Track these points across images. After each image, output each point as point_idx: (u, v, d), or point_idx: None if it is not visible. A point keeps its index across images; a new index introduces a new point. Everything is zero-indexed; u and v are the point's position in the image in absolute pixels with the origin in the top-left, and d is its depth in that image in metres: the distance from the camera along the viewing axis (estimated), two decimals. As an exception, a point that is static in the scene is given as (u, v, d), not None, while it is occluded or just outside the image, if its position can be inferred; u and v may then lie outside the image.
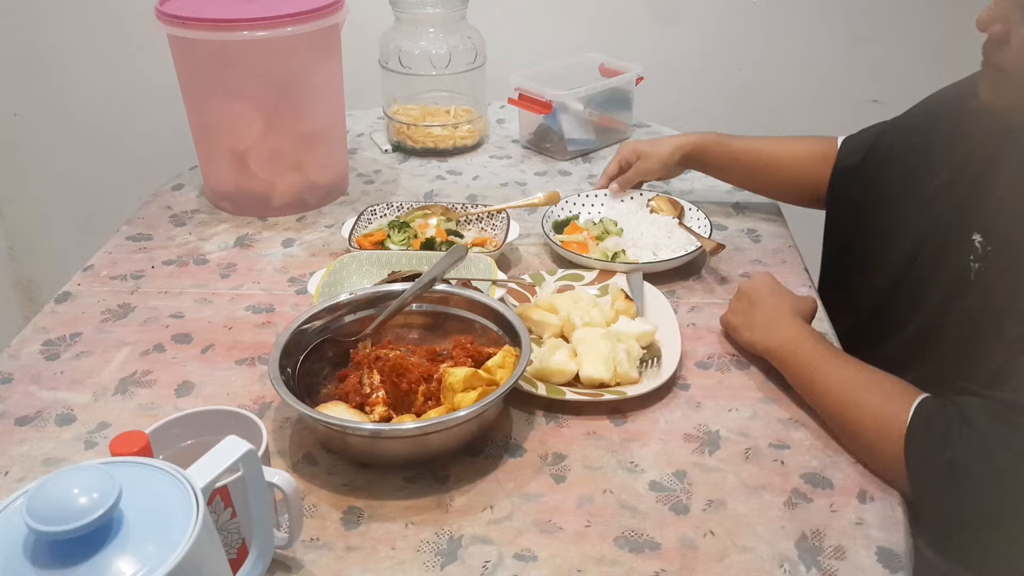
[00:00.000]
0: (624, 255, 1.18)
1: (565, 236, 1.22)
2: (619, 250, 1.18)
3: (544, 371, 0.94)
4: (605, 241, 1.20)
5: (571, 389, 0.93)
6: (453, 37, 1.52)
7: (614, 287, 1.08)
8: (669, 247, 1.19)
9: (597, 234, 1.22)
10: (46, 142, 2.05)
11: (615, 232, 1.23)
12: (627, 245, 1.19)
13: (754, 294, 0.99)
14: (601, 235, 1.22)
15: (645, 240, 1.20)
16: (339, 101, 1.40)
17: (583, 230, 1.23)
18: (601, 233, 1.23)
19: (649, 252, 1.18)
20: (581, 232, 1.23)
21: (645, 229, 1.23)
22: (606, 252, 1.18)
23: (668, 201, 1.29)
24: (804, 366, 0.90)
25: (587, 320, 0.99)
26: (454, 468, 0.84)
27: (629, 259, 1.16)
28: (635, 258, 1.17)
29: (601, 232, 1.23)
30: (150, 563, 0.48)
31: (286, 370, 0.86)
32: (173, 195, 1.43)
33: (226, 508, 0.67)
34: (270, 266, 1.21)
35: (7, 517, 0.51)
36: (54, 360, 1.01)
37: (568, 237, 1.21)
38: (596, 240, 1.21)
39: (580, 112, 1.53)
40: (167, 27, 1.22)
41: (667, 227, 1.23)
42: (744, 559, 0.74)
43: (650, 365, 0.96)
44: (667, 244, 1.19)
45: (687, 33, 1.94)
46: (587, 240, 1.20)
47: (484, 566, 0.73)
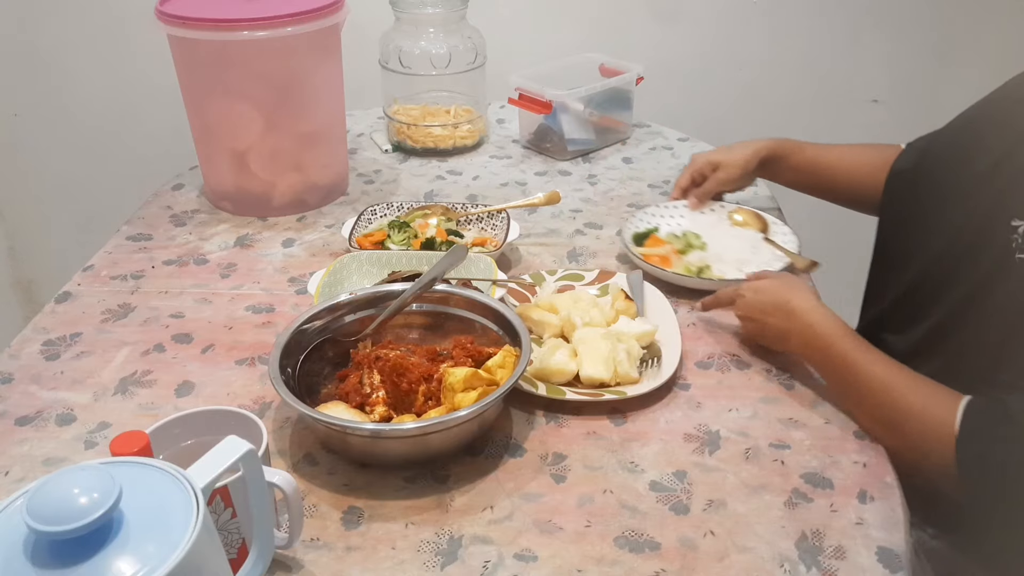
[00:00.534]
0: (709, 270, 1.14)
1: (646, 249, 1.18)
2: (704, 265, 1.14)
3: (544, 371, 0.94)
4: (688, 255, 1.17)
5: (571, 389, 0.93)
6: (453, 37, 1.52)
7: (614, 287, 1.08)
8: (754, 263, 1.15)
9: (680, 248, 1.19)
10: (46, 142, 2.05)
11: (698, 246, 1.19)
12: (711, 260, 1.15)
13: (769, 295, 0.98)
14: (684, 248, 1.18)
15: (729, 255, 1.16)
16: (339, 101, 1.40)
17: (665, 243, 1.20)
18: (684, 247, 1.19)
19: (734, 268, 1.14)
20: (663, 245, 1.19)
21: (729, 243, 1.19)
22: (690, 267, 1.14)
23: (752, 214, 1.25)
24: (841, 365, 0.90)
25: (587, 320, 0.99)
26: (454, 468, 0.84)
27: (714, 275, 1.13)
28: (720, 273, 1.13)
29: (684, 246, 1.19)
30: (150, 563, 0.48)
31: (286, 370, 0.86)
32: (173, 195, 1.43)
33: (226, 508, 0.67)
34: (270, 266, 1.21)
35: (7, 517, 0.51)
36: (54, 360, 1.01)
37: (650, 250, 1.17)
38: (679, 254, 1.17)
39: (580, 112, 1.53)
40: (167, 27, 1.22)
41: (752, 242, 1.20)
42: (744, 559, 0.74)
43: (650, 365, 0.96)
44: (752, 260, 1.16)
45: (687, 33, 1.93)
46: (670, 254, 1.17)
47: (484, 566, 0.73)
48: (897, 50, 1.92)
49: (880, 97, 1.98)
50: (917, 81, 1.93)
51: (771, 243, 1.18)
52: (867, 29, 1.91)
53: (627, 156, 1.55)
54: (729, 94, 1.99)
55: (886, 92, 1.97)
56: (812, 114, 1.99)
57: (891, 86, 1.96)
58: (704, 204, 1.28)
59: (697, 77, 1.97)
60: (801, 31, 1.93)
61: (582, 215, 1.34)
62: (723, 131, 1.77)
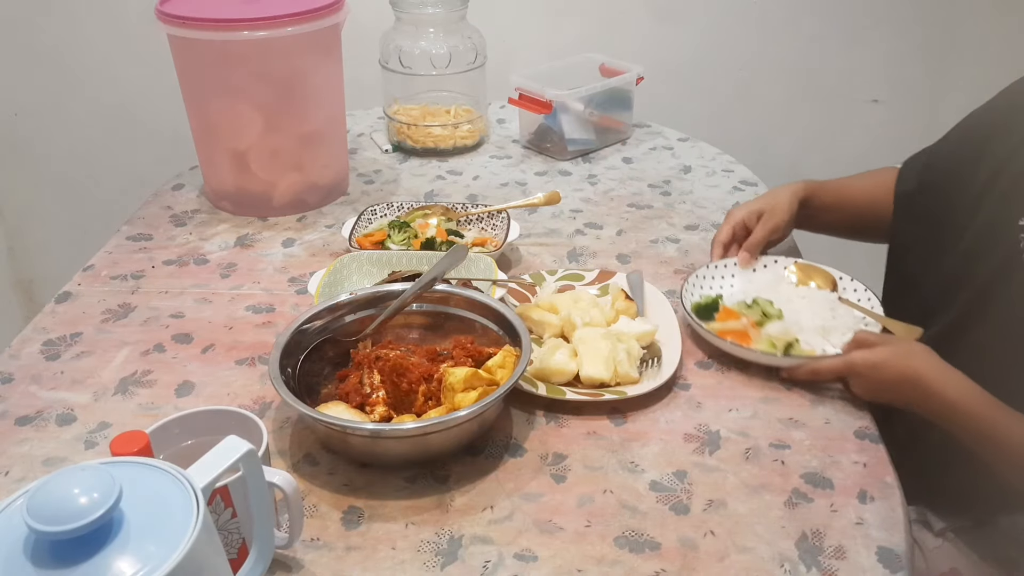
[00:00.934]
0: (798, 346, 0.98)
1: (719, 324, 1.02)
2: (790, 339, 0.98)
3: (544, 371, 0.94)
4: (767, 327, 1.00)
5: (571, 389, 0.93)
6: (453, 37, 1.52)
7: (614, 287, 1.08)
8: (837, 329, 1.00)
9: (757, 319, 1.02)
10: (46, 142, 2.05)
11: (775, 315, 1.02)
12: (792, 330, 0.99)
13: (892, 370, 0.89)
14: (761, 320, 1.01)
15: (808, 321, 1.01)
16: (339, 101, 1.40)
17: (739, 315, 1.03)
18: (760, 318, 1.02)
19: (820, 337, 1.00)
20: (738, 318, 1.02)
21: (801, 307, 1.03)
22: (774, 342, 0.98)
23: (810, 268, 1.10)
24: (988, 435, 0.86)
25: (587, 320, 0.99)
26: (454, 468, 0.84)
27: (804, 350, 0.98)
28: (810, 348, 0.98)
29: (760, 316, 1.02)
30: (150, 563, 0.48)
31: (286, 370, 0.86)
32: (173, 195, 1.43)
33: (226, 508, 0.67)
34: (270, 266, 1.21)
35: (7, 517, 0.51)
36: (54, 360, 1.01)
37: (723, 325, 1.02)
38: (756, 326, 1.01)
39: (580, 112, 1.53)
40: (167, 27, 1.22)
41: (826, 303, 1.04)
42: (744, 559, 0.74)
43: (650, 365, 0.96)
44: (836, 327, 1.01)
45: (687, 33, 1.94)
46: (747, 328, 1.01)
47: (484, 566, 0.73)
48: (897, 50, 1.92)
49: (880, 97, 1.98)
50: (917, 81, 1.93)
51: (850, 304, 1.03)
52: (867, 29, 1.91)
53: (627, 156, 1.55)
54: (729, 94, 1.99)
55: (886, 92, 1.97)
56: (812, 114, 1.99)
57: (891, 86, 1.96)
58: (755, 259, 1.12)
59: (697, 77, 1.97)
60: (801, 31, 1.93)
61: (582, 215, 1.34)
62: (723, 131, 1.77)
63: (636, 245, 1.25)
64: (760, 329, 1.00)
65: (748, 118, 1.98)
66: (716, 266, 1.10)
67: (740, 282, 1.10)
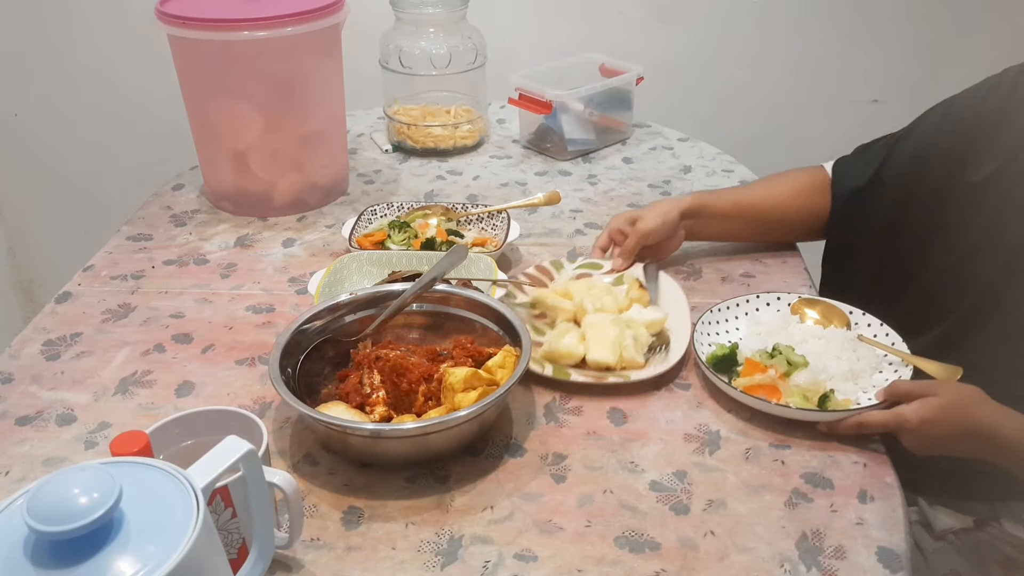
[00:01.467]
0: (833, 397, 0.90)
1: (745, 380, 0.93)
2: (823, 390, 0.91)
3: (553, 353, 0.95)
4: (794, 377, 0.92)
5: (577, 371, 0.93)
6: (453, 37, 1.52)
7: (629, 276, 1.08)
8: (866, 373, 0.94)
9: (784, 370, 0.94)
10: (46, 142, 2.05)
11: (800, 363, 0.94)
12: (821, 378, 0.92)
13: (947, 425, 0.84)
14: (788, 370, 0.94)
15: (834, 366, 0.94)
16: (339, 101, 1.40)
17: (765, 367, 0.94)
18: (787, 368, 0.94)
19: (852, 384, 0.93)
20: (764, 370, 0.94)
21: (823, 349, 0.96)
22: (806, 394, 0.91)
23: (825, 306, 1.03)
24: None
25: (599, 306, 1.00)
26: (454, 468, 0.84)
27: (840, 402, 0.90)
28: (846, 399, 0.91)
29: (786, 367, 0.94)
30: (150, 563, 0.48)
31: (286, 370, 0.86)
32: (173, 195, 1.43)
33: (226, 508, 0.67)
34: (270, 266, 1.21)
35: (7, 517, 0.51)
36: (54, 360, 1.01)
37: (749, 380, 0.93)
38: (784, 378, 0.93)
39: (580, 112, 1.53)
40: (167, 27, 1.22)
41: (847, 344, 0.97)
42: (744, 559, 0.74)
43: (658, 351, 0.96)
44: (863, 369, 0.94)
45: (687, 33, 1.94)
46: (775, 381, 0.92)
47: (484, 566, 0.73)
48: (897, 50, 1.92)
49: (880, 97, 1.98)
50: (917, 81, 1.93)
51: (871, 343, 0.96)
52: (867, 29, 1.91)
53: (627, 156, 1.55)
54: (729, 94, 1.99)
55: (886, 92, 1.97)
56: (812, 114, 1.99)
57: (891, 86, 1.96)
58: (629, 261, 1.11)
59: (697, 77, 1.97)
60: (801, 31, 1.93)
61: (582, 215, 1.34)
62: (723, 131, 1.77)
63: (636, 245, 1.24)
64: (788, 380, 0.92)
65: (748, 118, 1.98)
66: (719, 308, 1.03)
67: (746, 324, 1.03)
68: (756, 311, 1.04)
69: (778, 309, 1.04)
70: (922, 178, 1.05)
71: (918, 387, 0.86)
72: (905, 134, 1.10)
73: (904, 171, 1.07)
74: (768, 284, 1.13)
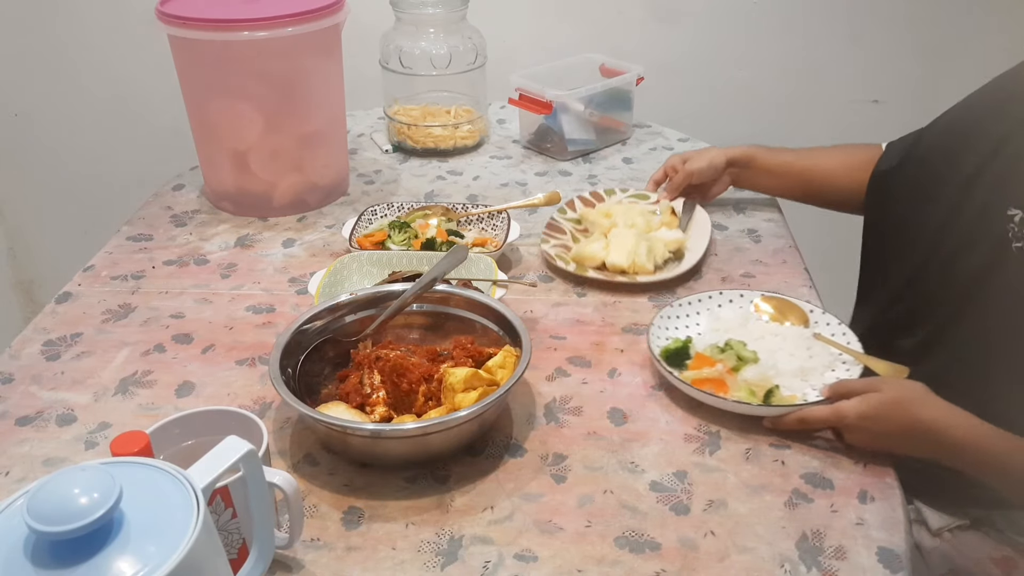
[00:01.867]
0: (779, 392, 0.91)
1: (693, 373, 0.95)
2: (769, 385, 0.92)
3: (579, 255, 1.16)
4: (743, 372, 0.94)
5: (596, 271, 1.13)
6: (453, 37, 1.52)
7: (666, 204, 1.26)
8: (816, 370, 0.95)
9: (732, 365, 0.96)
10: (46, 142, 2.05)
11: (750, 358, 0.96)
12: (770, 374, 0.93)
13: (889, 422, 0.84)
14: (737, 365, 0.95)
15: (785, 363, 0.95)
16: (340, 101, 1.40)
17: (713, 361, 0.96)
18: (736, 362, 0.96)
19: (800, 380, 0.94)
20: (713, 364, 0.95)
21: (777, 346, 0.97)
22: (753, 389, 0.92)
23: (786, 304, 1.04)
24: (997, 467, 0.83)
25: (630, 224, 1.18)
26: (455, 468, 0.84)
27: (785, 397, 0.91)
28: (791, 394, 0.92)
29: (735, 361, 0.96)
30: (151, 563, 0.48)
31: (287, 370, 0.86)
32: (173, 195, 1.43)
33: (227, 508, 0.67)
34: (271, 266, 1.21)
35: (8, 517, 0.51)
36: (55, 360, 1.01)
37: (698, 373, 0.94)
38: (732, 373, 0.95)
39: (581, 112, 1.53)
40: (168, 27, 1.22)
41: (802, 342, 0.98)
42: (745, 559, 0.74)
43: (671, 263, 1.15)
44: (816, 367, 0.95)
45: (687, 33, 1.93)
46: (723, 375, 0.94)
47: (484, 566, 0.73)
48: (897, 50, 1.92)
49: (880, 97, 1.98)
50: (917, 81, 1.93)
51: (827, 341, 0.97)
52: (867, 29, 1.91)
53: (627, 156, 1.55)
54: (729, 94, 1.99)
55: (886, 92, 1.97)
56: (812, 114, 1.99)
57: (891, 86, 1.96)
58: (674, 195, 1.27)
59: (697, 77, 1.97)
60: (801, 31, 1.93)
61: (582, 215, 1.34)
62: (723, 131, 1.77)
63: (636, 245, 1.24)
64: (736, 375, 0.94)
65: (748, 118, 1.98)
66: (681, 304, 1.04)
67: (707, 320, 1.04)
68: (718, 307, 1.05)
69: (740, 306, 1.05)
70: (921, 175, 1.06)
71: (861, 384, 0.87)
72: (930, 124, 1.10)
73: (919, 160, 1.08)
74: (768, 284, 1.13)
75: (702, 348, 0.99)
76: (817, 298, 1.10)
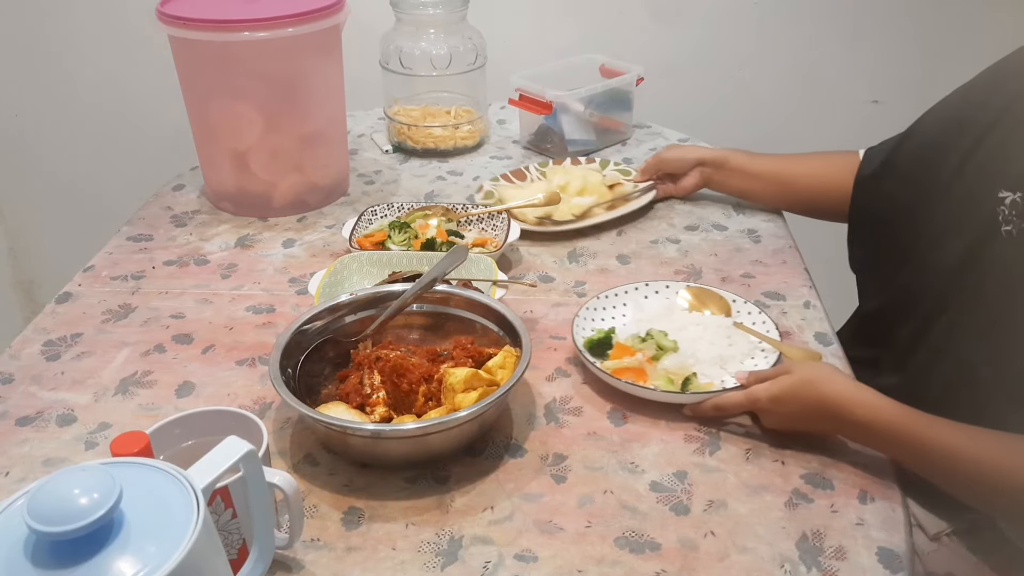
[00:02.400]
0: (696, 380, 0.93)
1: (614, 362, 0.96)
2: (687, 373, 0.93)
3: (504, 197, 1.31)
4: (663, 361, 0.95)
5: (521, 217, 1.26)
6: (454, 38, 1.52)
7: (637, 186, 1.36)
8: (735, 358, 0.96)
9: (652, 354, 0.97)
10: (46, 142, 2.05)
11: (670, 347, 0.97)
12: (689, 363, 0.95)
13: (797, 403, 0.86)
14: (656, 354, 0.97)
15: (705, 351, 0.96)
16: (340, 101, 1.40)
17: (634, 351, 0.97)
18: (656, 351, 0.97)
19: (719, 368, 0.95)
20: (633, 354, 0.97)
21: (697, 335, 0.98)
22: (671, 377, 0.94)
23: (708, 294, 1.06)
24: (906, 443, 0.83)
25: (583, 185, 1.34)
26: (455, 469, 0.84)
27: (702, 385, 0.93)
28: (709, 381, 0.93)
29: (655, 351, 0.97)
30: (151, 564, 0.48)
31: (287, 370, 0.86)
32: (174, 195, 1.43)
33: (227, 508, 0.67)
34: (271, 266, 1.21)
35: (8, 517, 0.51)
36: (55, 360, 1.01)
37: (618, 363, 0.96)
38: (652, 362, 0.96)
39: (581, 113, 1.53)
40: (168, 28, 1.22)
41: (722, 331, 0.99)
42: (745, 559, 0.74)
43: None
44: (735, 356, 0.97)
45: (687, 33, 1.93)
46: (643, 364, 0.95)
47: (485, 566, 0.73)
48: (897, 51, 1.92)
49: (880, 97, 1.98)
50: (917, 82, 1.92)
51: (746, 330, 0.99)
52: (867, 29, 1.91)
53: (627, 157, 1.55)
54: (729, 94, 1.99)
55: (886, 92, 1.97)
56: (812, 114, 1.99)
57: (891, 86, 1.96)
58: (643, 177, 1.35)
59: (697, 77, 1.97)
60: (801, 31, 1.93)
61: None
62: (723, 131, 1.77)
63: (636, 245, 1.25)
64: (656, 364, 0.96)
65: (748, 118, 1.98)
66: (607, 295, 1.06)
67: (632, 311, 1.05)
68: (644, 299, 1.07)
69: (667, 297, 1.07)
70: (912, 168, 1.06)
71: (772, 370, 0.90)
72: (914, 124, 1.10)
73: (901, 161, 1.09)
74: (768, 284, 1.13)
75: (624, 338, 1.00)
76: (817, 298, 1.10)
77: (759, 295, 1.12)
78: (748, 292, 1.12)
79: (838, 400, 0.84)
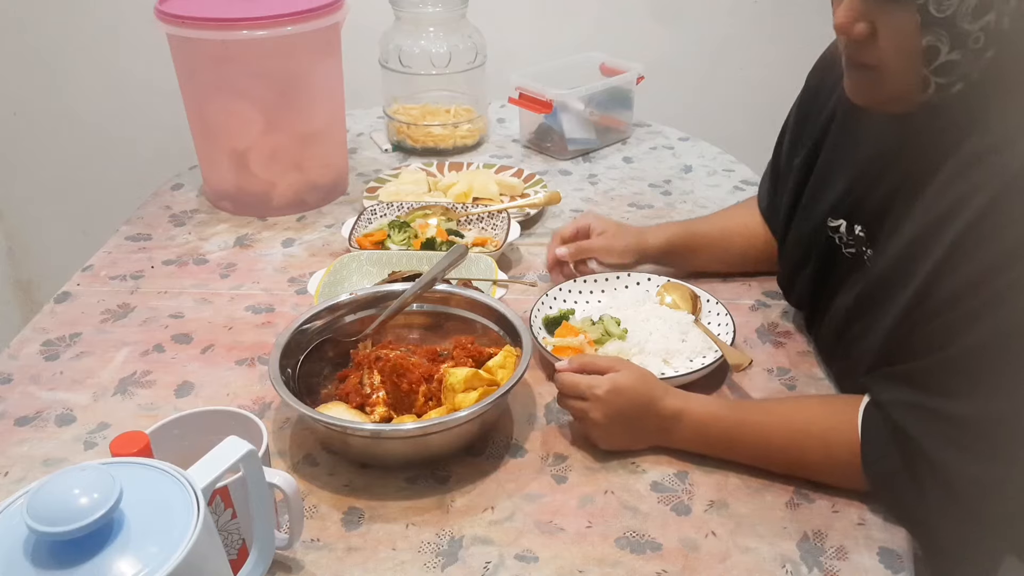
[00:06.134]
0: None
1: (557, 340, 0.99)
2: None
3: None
4: (606, 346, 0.98)
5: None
6: (453, 36, 1.52)
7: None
8: (683, 353, 0.97)
9: (596, 337, 0.99)
10: (45, 142, 2.05)
11: (617, 335, 0.99)
12: (631, 351, 0.97)
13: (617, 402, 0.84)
14: (600, 338, 0.99)
15: (653, 344, 0.97)
16: (339, 100, 1.40)
17: (579, 332, 1.00)
18: (600, 336, 0.99)
19: (658, 359, 0.97)
20: (577, 335, 0.99)
21: (654, 328, 0.99)
22: None
23: (683, 291, 1.06)
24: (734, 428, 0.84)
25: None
26: (455, 469, 0.84)
27: None
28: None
29: (600, 334, 1.00)
30: (151, 564, 0.48)
31: (286, 370, 0.86)
32: (173, 195, 1.42)
33: (226, 509, 0.67)
34: (270, 266, 1.21)
35: (7, 518, 0.50)
36: (54, 360, 1.01)
37: (560, 341, 0.99)
38: (595, 345, 0.98)
39: (581, 111, 1.53)
40: (167, 27, 1.21)
41: (681, 326, 1.00)
42: (746, 560, 0.74)
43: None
44: (680, 350, 0.97)
45: (687, 33, 1.93)
46: (583, 346, 0.98)
47: (485, 567, 0.73)
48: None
49: (880, 97, 1.97)
50: (917, 81, 1.92)
51: (703, 328, 0.99)
52: (867, 29, 1.91)
53: (628, 156, 1.55)
54: (729, 94, 1.99)
55: (886, 92, 1.96)
56: (812, 114, 1.98)
57: (891, 86, 1.95)
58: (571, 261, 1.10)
59: (697, 77, 1.97)
60: (802, 31, 1.93)
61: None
62: (724, 131, 1.77)
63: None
64: (598, 347, 0.97)
65: (748, 118, 1.97)
66: (586, 280, 1.07)
67: (607, 298, 1.07)
68: (625, 288, 1.08)
69: (647, 290, 1.08)
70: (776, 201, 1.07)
71: (607, 361, 0.87)
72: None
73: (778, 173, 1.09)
74: (769, 284, 1.13)
75: (580, 319, 1.03)
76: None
77: (759, 295, 1.11)
78: (749, 291, 1.12)
79: (666, 392, 0.84)
